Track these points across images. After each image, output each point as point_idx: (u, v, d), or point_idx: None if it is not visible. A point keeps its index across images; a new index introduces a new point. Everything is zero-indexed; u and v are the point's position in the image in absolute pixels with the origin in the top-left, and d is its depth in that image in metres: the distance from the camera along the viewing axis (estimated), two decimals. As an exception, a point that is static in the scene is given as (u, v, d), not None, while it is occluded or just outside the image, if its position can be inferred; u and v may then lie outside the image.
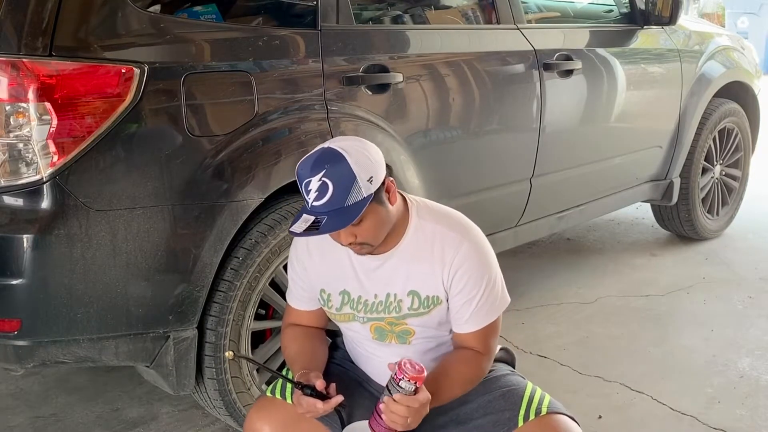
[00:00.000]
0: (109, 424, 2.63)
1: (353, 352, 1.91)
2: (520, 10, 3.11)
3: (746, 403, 2.70)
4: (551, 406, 1.72)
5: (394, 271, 1.74)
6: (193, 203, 2.11)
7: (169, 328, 2.14)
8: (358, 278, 1.77)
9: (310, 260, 1.80)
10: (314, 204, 1.58)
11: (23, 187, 1.91)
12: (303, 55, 2.36)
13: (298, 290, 1.87)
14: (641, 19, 3.63)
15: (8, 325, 1.96)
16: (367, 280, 1.76)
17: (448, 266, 1.70)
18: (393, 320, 1.76)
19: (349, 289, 1.78)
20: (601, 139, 3.50)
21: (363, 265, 1.76)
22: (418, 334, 1.77)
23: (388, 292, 1.75)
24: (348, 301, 1.78)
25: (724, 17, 12.00)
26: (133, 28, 2.05)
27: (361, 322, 1.78)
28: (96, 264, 1.98)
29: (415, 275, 1.73)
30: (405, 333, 1.77)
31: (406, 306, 1.74)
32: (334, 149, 1.62)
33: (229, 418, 2.38)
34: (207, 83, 2.13)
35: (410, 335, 1.77)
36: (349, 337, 1.89)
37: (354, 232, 1.63)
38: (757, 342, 3.17)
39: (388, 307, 1.75)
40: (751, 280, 3.83)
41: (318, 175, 1.59)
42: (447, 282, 1.72)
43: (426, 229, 1.73)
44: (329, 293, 1.80)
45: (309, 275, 1.82)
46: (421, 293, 1.74)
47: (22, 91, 1.86)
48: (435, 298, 1.73)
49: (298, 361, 1.78)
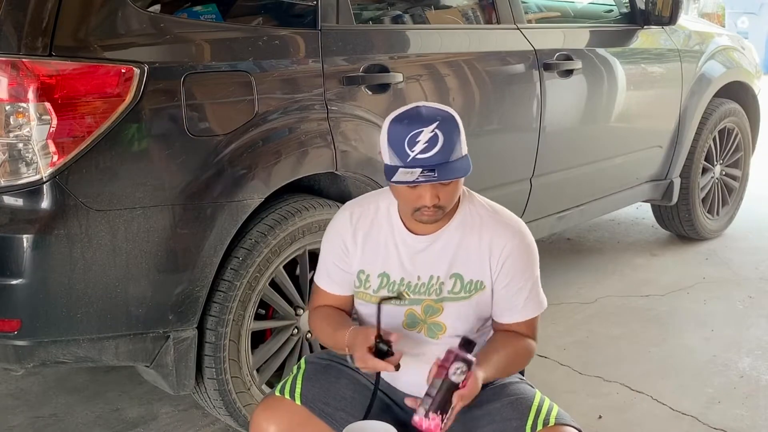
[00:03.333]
0: (109, 424, 2.63)
1: None
2: (520, 10, 3.11)
3: (746, 403, 2.70)
4: (559, 417, 1.71)
5: (440, 253, 1.74)
6: (193, 203, 2.11)
7: (169, 328, 2.14)
8: (401, 261, 1.76)
9: (354, 241, 1.79)
10: (419, 156, 1.58)
11: (23, 187, 1.91)
12: (303, 55, 2.36)
13: (335, 272, 1.84)
14: (641, 19, 3.63)
15: (8, 325, 1.96)
16: (411, 262, 1.75)
17: (497, 255, 1.72)
18: (431, 304, 1.75)
19: (390, 271, 1.77)
20: (602, 139, 3.50)
21: (409, 248, 1.75)
22: (449, 331, 1.76)
23: (431, 274, 1.74)
24: (387, 284, 1.77)
25: (724, 17, 11.99)
26: (133, 28, 2.05)
27: (396, 304, 1.76)
28: (96, 264, 1.98)
29: (460, 259, 1.74)
30: (436, 327, 1.77)
31: (446, 289, 1.74)
32: (439, 107, 1.65)
33: (229, 418, 2.38)
34: (207, 83, 2.13)
35: (441, 331, 1.77)
36: None
37: (439, 193, 1.63)
38: (757, 342, 3.17)
39: (429, 289, 1.75)
40: (752, 280, 3.83)
41: (431, 126, 1.59)
42: (495, 270, 1.74)
43: (476, 214, 1.76)
44: (368, 274, 1.78)
45: (350, 256, 1.80)
46: (464, 276, 1.74)
47: (22, 91, 1.86)
48: (479, 283, 1.74)
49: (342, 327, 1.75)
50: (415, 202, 1.66)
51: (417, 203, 1.66)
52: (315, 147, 2.35)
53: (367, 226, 1.78)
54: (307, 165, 2.36)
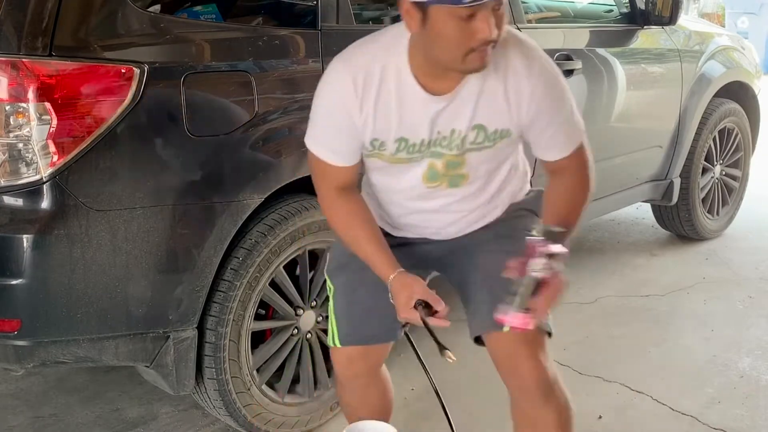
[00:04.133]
0: (109, 424, 2.62)
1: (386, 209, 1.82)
2: (520, 10, 3.11)
3: (746, 403, 2.70)
4: None
5: (460, 107, 1.59)
6: (193, 203, 2.11)
7: (169, 328, 2.14)
8: (419, 122, 1.61)
9: (361, 111, 1.60)
10: None
11: (23, 187, 1.91)
12: (303, 55, 2.36)
13: (339, 143, 1.67)
14: (641, 19, 3.63)
15: (8, 325, 1.96)
16: (430, 122, 1.61)
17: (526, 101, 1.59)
18: (452, 159, 1.66)
19: (407, 135, 1.63)
20: (601, 139, 3.49)
21: (428, 109, 1.59)
22: (471, 179, 1.71)
23: (453, 128, 1.62)
24: (405, 147, 1.64)
25: (724, 17, 11.99)
26: (133, 28, 2.05)
27: (418, 160, 1.66)
28: (96, 264, 1.98)
29: (483, 109, 1.60)
30: (459, 178, 1.70)
31: (468, 141, 1.63)
32: None
33: (229, 418, 2.38)
34: (207, 83, 2.14)
35: (463, 180, 1.71)
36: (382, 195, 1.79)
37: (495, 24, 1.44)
38: (757, 342, 3.17)
39: (451, 143, 1.63)
40: (752, 280, 3.83)
41: None
42: (526, 116, 1.62)
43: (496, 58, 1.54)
44: (383, 141, 1.64)
45: (357, 128, 1.63)
46: (488, 127, 1.62)
47: (22, 91, 1.86)
48: (505, 131, 1.64)
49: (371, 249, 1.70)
50: (470, 40, 1.43)
51: (472, 41, 1.43)
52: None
53: (375, 92, 1.58)
54: (307, 165, 2.34)
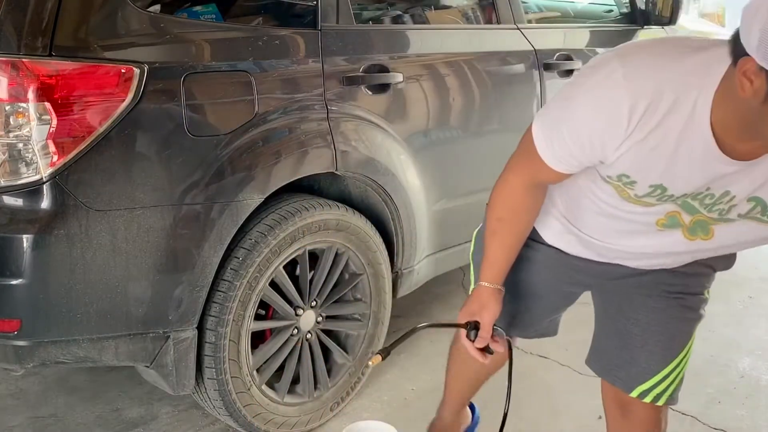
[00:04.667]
0: (109, 424, 2.62)
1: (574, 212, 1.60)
2: (520, 10, 3.11)
3: (746, 403, 2.70)
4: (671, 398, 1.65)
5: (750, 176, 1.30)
6: (193, 203, 2.10)
7: (169, 328, 2.14)
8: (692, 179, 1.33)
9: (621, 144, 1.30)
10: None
11: (23, 187, 1.91)
12: (303, 55, 2.36)
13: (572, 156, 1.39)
14: (641, 19, 3.63)
15: (8, 325, 1.96)
16: (705, 181, 1.32)
17: None
18: (706, 221, 1.40)
19: (670, 185, 1.35)
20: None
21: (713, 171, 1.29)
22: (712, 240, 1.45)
23: (727, 190, 1.33)
24: (658, 194, 1.37)
25: (724, 17, 11.99)
26: (133, 28, 2.05)
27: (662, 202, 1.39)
28: (96, 264, 1.98)
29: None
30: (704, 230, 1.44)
31: (737, 212, 1.36)
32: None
33: (229, 418, 2.38)
34: (207, 83, 2.13)
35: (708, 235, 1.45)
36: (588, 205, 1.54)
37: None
38: (757, 342, 3.17)
39: (714, 206, 1.36)
40: (751, 280, 3.83)
41: None
42: None
43: None
44: (634, 181, 1.36)
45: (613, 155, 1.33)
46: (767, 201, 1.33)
47: (22, 91, 1.86)
48: None
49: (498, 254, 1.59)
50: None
51: None
52: (315, 147, 2.35)
53: (654, 125, 1.26)
54: (307, 165, 2.36)
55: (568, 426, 2.55)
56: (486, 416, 2.49)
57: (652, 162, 1.31)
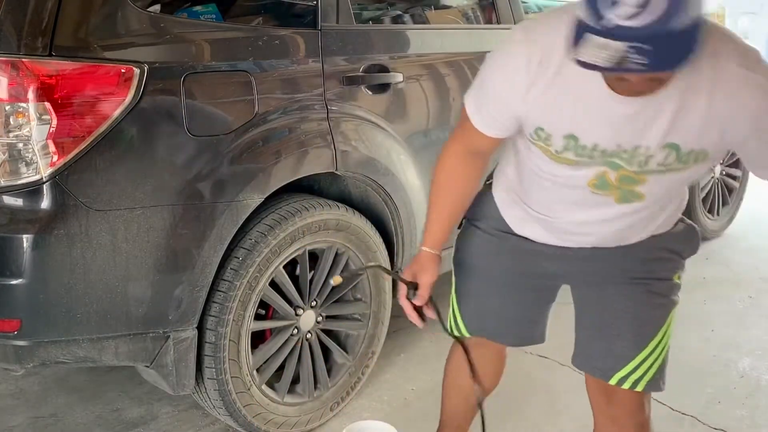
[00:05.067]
0: (109, 424, 2.63)
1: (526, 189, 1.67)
2: (520, 10, 3.11)
3: (746, 403, 2.70)
4: (650, 383, 1.70)
5: (652, 120, 1.35)
6: (193, 203, 2.11)
7: (169, 328, 2.14)
8: (596, 124, 1.39)
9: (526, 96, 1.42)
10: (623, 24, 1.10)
11: (23, 187, 1.91)
12: (303, 55, 2.36)
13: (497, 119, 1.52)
14: (641, 19, 3.63)
15: (8, 325, 1.96)
16: (611, 128, 1.38)
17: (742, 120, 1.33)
18: (631, 175, 1.44)
19: (580, 134, 1.41)
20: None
21: (610, 111, 1.36)
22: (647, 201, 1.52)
23: (638, 144, 1.38)
24: (574, 146, 1.43)
25: (724, 17, 11.99)
26: (133, 28, 2.05)
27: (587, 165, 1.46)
28: (96, 264, 1.98)
29: (680, 127, 1.35)
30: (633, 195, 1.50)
31: (656, 161, 1.41)
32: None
33: (229, 419, 2.38)
34: (207, 83, 2.13)
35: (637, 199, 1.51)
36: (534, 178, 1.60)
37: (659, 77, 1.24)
38: (757, 342, 3.17)
39: (632, 159, 1.41)
40: (752, 280, 3.83)
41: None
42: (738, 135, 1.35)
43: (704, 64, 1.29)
44: (549, 134, 1.44)
45: (523, 106, 1.44)
46: (682, 147, 1.38)
47: (22, 91, 1.86)
48: (701, 153, 1.39)
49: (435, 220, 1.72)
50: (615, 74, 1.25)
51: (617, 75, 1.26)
52: (315, 147, 2.35)
53: (551, 75, 1.37)
54: (307, 165, 2.36)
55: (568, 426, 2.55)
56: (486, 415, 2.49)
57: (556, 110, 1.41)
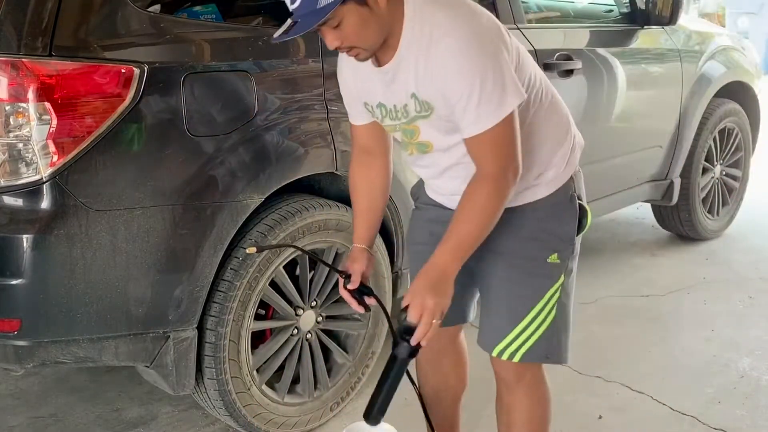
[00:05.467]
0: (109, 424, 2.63)
1: None
2: (521, 10, 3.11)
3: (746, 403, 2.70)
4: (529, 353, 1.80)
5: (402, 78, 1.64)
6: (193, 203, 2.11)
7: (169, 328, 2.14)
8: (381, 91, 1.71)
9: (346, 75, 1.79)
10: (292, 7, 1.53)
11: (23, 187, 1.91)
12: (303, 55, 2.36)
13: (350, 106, 1.86)
14: (641, 19, 3.63)
15: (8, 325, 1.96)
16: (387, 92, 1.70)
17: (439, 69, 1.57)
18: (405, 127, 1.72)
19: (383, 100, 1.72)
20: (602, 139, 3.50)
21: (381, 79, 1.69)
22: (436, 146, 1.73)
23: (395, 103, 1.70)
24: (387, 113, 1.74)
25: (725, 17, 12.00)
26: (133, 28, 2.05)
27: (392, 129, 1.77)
28: (96, 264, 1.98)
29: (418, 79, 1.62)
30: (423, 146, 1.75)
31: (412, 109, 1.68)
32: None
33: (229, 419, 2.38)
34: (207, 83, 2.13)
35: (429, 148, 1.75)
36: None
37: (338, 36, 1.56)
38: (757, 342, 3.17)
39: (398, 113, 1.71)
40: (752, 280, 3.83)
41: None
42: (440, 87, 1.59)
43: (422, 26, 1.59)
44: (371, 105, 1.77)
45: (351, 90, 1.81)
46: (419, 95, 1.64)
47: (22, 91, 1.86)
48: (426, 104, 1.65)
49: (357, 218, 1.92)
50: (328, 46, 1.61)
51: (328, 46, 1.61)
52: (315, 147, 2.35)
53: (353, 61, 1.69)
54: (307, 165, 2.36)
55: (568, 426, 2.55)
56: (485, 416, 2.49)
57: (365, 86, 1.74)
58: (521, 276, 1.80)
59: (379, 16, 1.57)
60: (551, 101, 1.81)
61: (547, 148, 1.78)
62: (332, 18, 1.52)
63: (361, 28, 1.56)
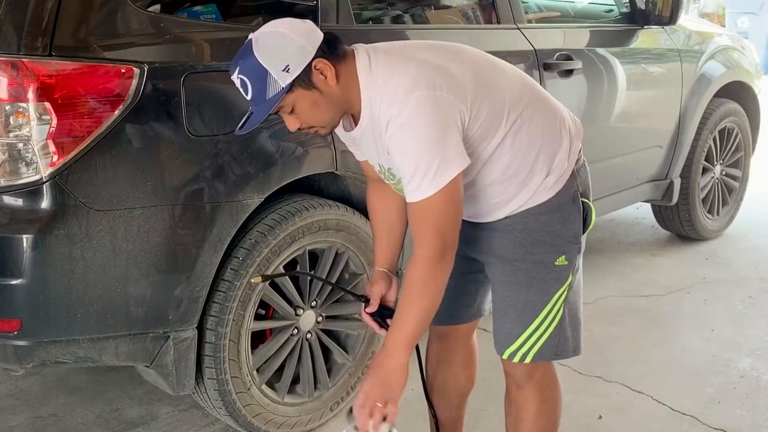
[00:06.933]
0: (109, 424, 2.63)
1: None
2: (521, 10, 3.11)
3: (746, 403, 2.70)
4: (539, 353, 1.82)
5: (370, 143, 1.71)
6: (193, 203, 2.11)
7: (169, 328, 2.14)
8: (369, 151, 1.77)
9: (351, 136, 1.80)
10: (247, 98, 1.61)
11: (23, 187, 1.91)
12: (303, 55, 2.35)
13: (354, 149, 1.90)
14: (641, 19, 3.63)
15: (8, 325, 1.96)
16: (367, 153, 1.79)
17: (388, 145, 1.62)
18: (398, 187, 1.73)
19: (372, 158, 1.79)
20: (602, 138, 3.50)
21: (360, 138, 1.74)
22: None
23: (379, 163, 1.75)
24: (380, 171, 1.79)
25: (724, 17, 11.99)
26: (133, 28, 2.05)
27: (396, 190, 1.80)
28: (96, 264, 1.98)
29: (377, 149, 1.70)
30: None
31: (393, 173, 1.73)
32: (249, 40, 1.61)
33: (229, 419, 2.38)
34: (207, 83, 2.13)
35: None
36: None
37: (295, 119, 1.64)
38: (757, 342, 3.17)
39: (386, 176, 1.76)
40: (751, 280, 3.83)
41: (235, 72, 1.61)
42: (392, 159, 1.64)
43: (372, 106, 1.63)
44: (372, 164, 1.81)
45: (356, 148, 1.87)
46: (383, 164, 1.74)
47: (22, 91, 1.86)
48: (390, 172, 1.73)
49: (376, 242, 1.93)
50: None
51: None
52: (315, 147, 2.35)
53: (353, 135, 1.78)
54: (307, 165, 2.36)
55: (568, 426, 2.54)
56: (486, 416, 2.49)
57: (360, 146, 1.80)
58: (530, 280, 1.80)
59: (331, 95, 1.62)
60: (540, 111, 1.78)
61: (543, 157, 1.76)
62: (284, 105, 1.61)
63: (314, 110, 1.63)
